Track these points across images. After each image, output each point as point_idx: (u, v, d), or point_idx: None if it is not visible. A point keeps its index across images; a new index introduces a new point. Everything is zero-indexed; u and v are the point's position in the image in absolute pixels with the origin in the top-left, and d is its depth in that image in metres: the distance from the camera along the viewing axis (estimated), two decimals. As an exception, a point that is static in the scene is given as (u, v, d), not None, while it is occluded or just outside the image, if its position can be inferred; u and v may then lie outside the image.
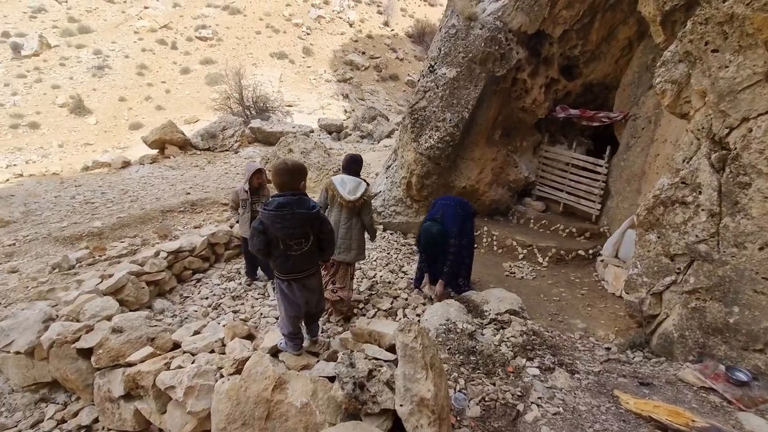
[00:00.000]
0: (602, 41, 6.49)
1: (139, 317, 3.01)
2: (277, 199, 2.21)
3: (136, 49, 23.72)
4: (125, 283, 3.94)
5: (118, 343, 2.72)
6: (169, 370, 2.50)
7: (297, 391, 2.12)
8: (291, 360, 2.32)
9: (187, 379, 2.32)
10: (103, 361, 2.70)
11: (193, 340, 2.76)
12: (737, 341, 2.83)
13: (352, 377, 2.00)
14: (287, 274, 2.30)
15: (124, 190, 10.03)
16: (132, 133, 18.89)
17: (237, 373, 2.31)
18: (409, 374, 1.90)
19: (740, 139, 2.82)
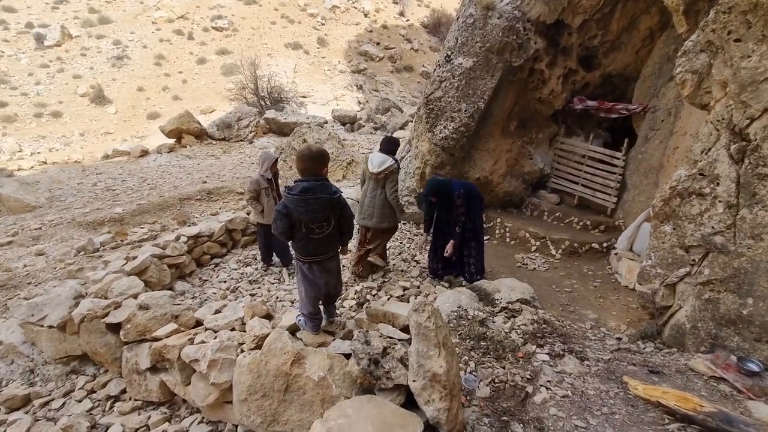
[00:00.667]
0: (623, 31, 6.38)
1: (164, 296, 3.15)
2: (301, 184, 2.27)
3: (154, 39, 24.04)
4: (148, 265, 4.09)
5: (144, 319, 2.86)
6: (192, 344, 2.63)
7: (314, 366, 2.21)
8: (308, 338, 2.42)
9: (211, 353, 2.44)
10: (131, 335, 2.84)
11: (215, 318, 2.88)
12: (750, 333, 2.83)
13: (368, 354, 2.09)
14: (309, 256, 2.38)
15: (143, 178, 10.29)
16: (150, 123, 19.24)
17: (257, 348, 2.42)
18: (423, 351, 1.97)
19: (761, 130, 2.79)
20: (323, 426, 1.82)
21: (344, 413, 1.88)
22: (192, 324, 2.91)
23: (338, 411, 1.91)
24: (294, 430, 2.23)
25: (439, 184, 4.18)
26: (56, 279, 4.21)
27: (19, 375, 3.14)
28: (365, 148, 13.25)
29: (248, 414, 2.32)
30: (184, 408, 2.75)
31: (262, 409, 2.27)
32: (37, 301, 3.26)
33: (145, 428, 2.61)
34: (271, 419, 2.26)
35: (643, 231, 5.30)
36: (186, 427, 2.58)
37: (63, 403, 2.89)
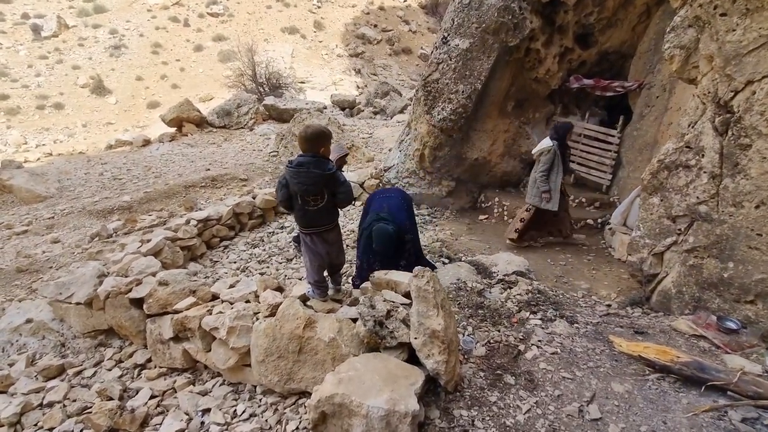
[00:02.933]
0: (619, 7, 6.41)
1: (181, 273, 3.37)
2: (298, 159, 2.54)
3: (150, 27, 23.87)
4: (162, 247, 4.31)
5: (165, 294, 3.08)
6: (211, 315, 2.85)
7: (325, 329, 2.43)
8: (318, 305, 2.63)
9: (229, 321, 2.66)
10: (154, 308, 3.06)
11: (230, 292, 3.09)
12: (730, 294, 3.03)
13: (373, 316, 2.30)
14: (307, 227, 2.67)
15: (148, 167, 10.46)
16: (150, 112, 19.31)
17: (271, 315, 2.63)
18: (423, 311, 2.18)
19: (744, 101, 2.93)
20: (335, 377, 2.04)
21: (353, 367, 2.10)
22: (209, 297, 3.13)
23: (348, 365, 2.13)
24: (308, 386, 2.46)
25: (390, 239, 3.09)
26: (76, 262, 4.43)
27: (51, 349, 3.39)
28: (365, 132, 13.32)
29: (266, 374, 2.55)
30: (206, 373, 2.99)
31: (279, 369, 2.50)
32: (63, 280, 3.49)
33: (171, 390, 2.85)
34: (287, 377, 2.49)
35: (635, 206, 5.47)
36: (209, 389, 2.82)
37: (94, 372, 3.14)
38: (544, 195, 5.05)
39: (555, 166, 5.02)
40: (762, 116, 2.81)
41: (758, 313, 2.87)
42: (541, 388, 2.33)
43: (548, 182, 5.03)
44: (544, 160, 5.02)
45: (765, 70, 2.80)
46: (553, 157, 4.99)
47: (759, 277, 2.84)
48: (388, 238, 3.02)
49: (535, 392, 2.29)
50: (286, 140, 11.13)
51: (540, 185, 5.08)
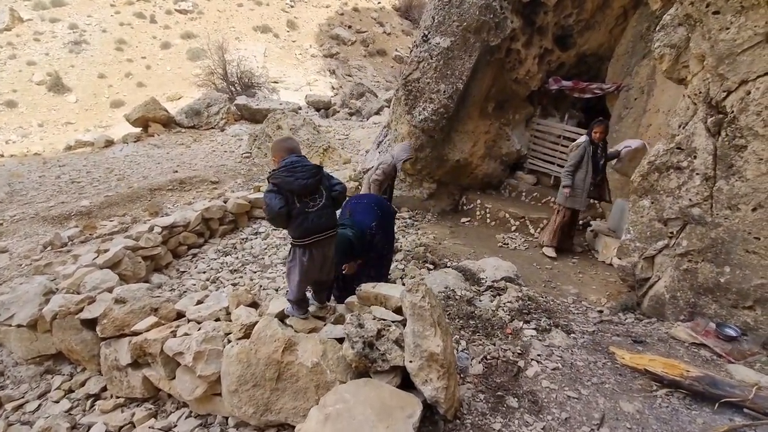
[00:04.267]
0: (597, 9, 6.42)
1: (141, 288, 3.00)
2: (285, 160, 2.25)
3: (114, 23, 22.71)
4: (122, 258, 3.90)
5: (122, 313, 2.72)
6: (175, 337, 2.51)
7: (307, 352, 2.15)
8: (299, 324, 2.35)
9: (196, 345, 2.34)
10: (109, 330, 2.69)
11: (197, 309, 2.76)
12: (727, 299, 2.95)
13: (362, 337, 2.04)
14: (309, 235, 2.25)
15: (110, 169, 9.81)
16: (114, 111, 18.31)
17: (245, 337, 2.33)
18: (419, 331, 1.94)
19: (738, 101, 2.86)
20: (321, 413, 1.78)
21: (341, 398, 1.84)
22: (173, 316, 2.79)
23: (335, 396, 1.86)
24: (288, 417, 2.18)
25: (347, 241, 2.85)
26: (23, 276, 3.96)
27: (-15, 379, 2.95)
28: (341, 134, 13.04)
29: (239, 405, 2.24)
30: (170, 403, 2.65)
31: (254, 399, 2.20)
32: (2, 299, 3.05)
33: (129, 425, 2.49)
34: (264, 408, 2.20)
35: (616, 208, 5.44)
36: (173, 423, 2.48)
37: (39, 405, 2.73)
38: (564, 190, 4.93)
39: (584, 163, 4.87)
40: (758, 116, 2.73)
41: (757, 319, 2.80)
42: (546, 410, 2.14)
43: (570, 178, 4.88)
44: (572, 156, 4.93)
45: (760, 69, 2.73)
46: (582, 153, 4.84)
47: (758, 282, 2.76)
48: (345, 245, 2.76)
49: (540, 416, 2.10)
50: (259, 141, 10.70)
51: (562, 179, 4.99)
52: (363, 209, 3.21)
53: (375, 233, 3.09)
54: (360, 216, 3.13)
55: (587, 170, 4.87)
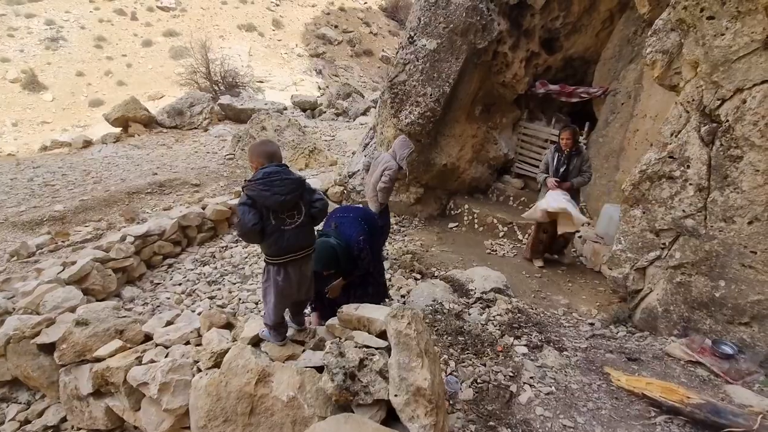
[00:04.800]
0: (584, 13, 6.36)
1: (106, 308, 2.77)
2: (264, 169, 2.02)
3: (93, 19, 22.05)
4: (90, 271, 3.65)
5: (83, 337, 2.49)
6: (141, 364, 2.30)
7: (283, 384, 1.97)
8: (274, 350, 2.16)
9: (161, 375, 2.14)
10: (68, 356, 2.47)
11: (166, 331, 2.55)
12: (722, 315, 2.86)
13: (342, 367, 1.87)
14: (284, 254, 2.06)
15: (87, 171, 9.43)
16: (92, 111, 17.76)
17: (216, 366, 2.14)
18: (404, 363, 1.79)
19: (733, 110, 2.77)
20: (296, 456, 1.61)
21: (319, 438, 1.67)
22: (140, 339, 2.58)
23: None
24: (262, 455, 2.00)
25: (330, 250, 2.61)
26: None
27: (-69, 410, 2.69)
28: (328, 135, 12.83)
29: (209, 441, 2.06)
30: (136, 435, 2.45)
31: (225, 435, 2.02)
32: (-51, 322, 2.79)
33: (89, 462, 2.28)
34: (236, 445, 2.02)
35: (604, 213, 5.37)
36: (138, 458, 2.28)
37: (-12, 439, 2.50)
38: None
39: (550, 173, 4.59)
40: (755, 126, 2.65)
41: (754, 335, 2.71)
42: (541, 442, 2.00)
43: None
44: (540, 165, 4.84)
45: (757, 77, 2.64)
46: (545, 162, 4.63)
47: (755, 298, 2.68)
48: (329, 253, 2.53)
49: (535, 449, 1.96)
50: (243, 142, 10.42)
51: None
52: (350, 223, 2.95)
53: (362, 248, 2.84)
54: (347, 229, 2.87)
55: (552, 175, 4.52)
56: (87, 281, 3.63)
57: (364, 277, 2.95)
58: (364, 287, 2.99)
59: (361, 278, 2.92)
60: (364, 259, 2.79)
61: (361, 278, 2.92)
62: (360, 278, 2.91)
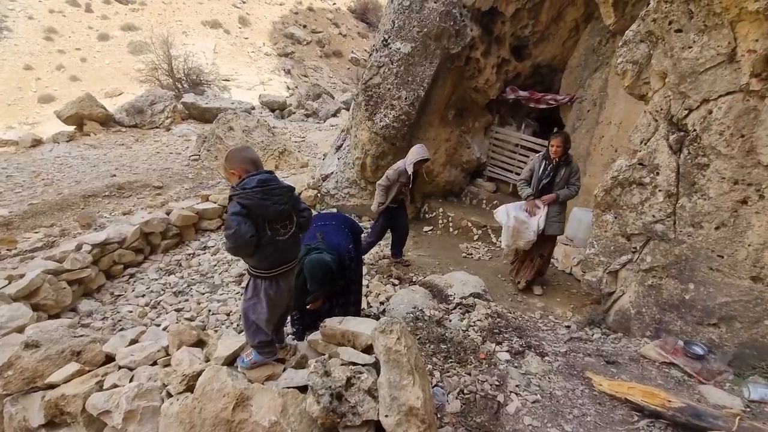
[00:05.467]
0: (551, 22, 6.54)
1: (60, 326, 2.52)
2: (256, 176, 1.86)
3: (42, 9, 20.60)
4: (40, 285, 3.34)
5: (33, 361, 2.24)
6: (102, 390, 2.10)
7: (263, 408, 1.84)
8: (253, 370, 2.03)
9: (126, 402, 1.95)
10: (15, 384, 2.21)
11: (131, 351, 2.34)
12: (692, 316, 2.97)
13: (328, 387, 1.77)
14: (276, 267, 1.94)
15: (36, 173, 8.76)
16: (42, 107, 16.58)
17: (188, 390, 1.98)
18: (395, 381, 1.71)
19: (700, 120, 2.89)
20: (281, 488, 1.49)
21: (305, 466, 1.56)
22: (100, 360, 2.35)
23: (298, 464, 1.58)
24: (241, 485, 1.86)
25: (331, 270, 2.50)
26: None
27: None
28: (298, 136, 12.58)
29: (181, 472, 1.89)
30: (96, 467, 2.22)
31: (199, 465, 1.87)
32: None
33: (40, 503, 2.05)
34: (212, 476, 1.87)
35: (573, 217, 5.52)
36: (99, 494, 2.07)
37: None
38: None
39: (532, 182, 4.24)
40: (721, 136, 2.76)
41: (722, 336, 2.83)
42: (531, 454, 1.98)
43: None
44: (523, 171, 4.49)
45: (722, 89, 2.76)
46: (530, 168, 4.29)
47: (722, 300, 2.79)
48: (325, 271, 2.41)
49: (526, 462, 1.94)
50: (209, 143, 10.02)
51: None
52: (334, 230, 2.85)
53: (353, 257, 2.77)
54: (333, 238, 2.75)
55: (534, 187, 4.14)
56: (37, 296, 3.31)
57: (346, 285, 2.84)
58: (346, 296, 2.90)
59: (343, 286, 2.81)
60: (354, 269, 2.69)
61: (343, 286, 2.81)
62: (343, 286, 2.81)
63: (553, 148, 3.95)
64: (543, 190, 4.09)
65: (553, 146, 3.95)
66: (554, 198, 4.05)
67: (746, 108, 2.69)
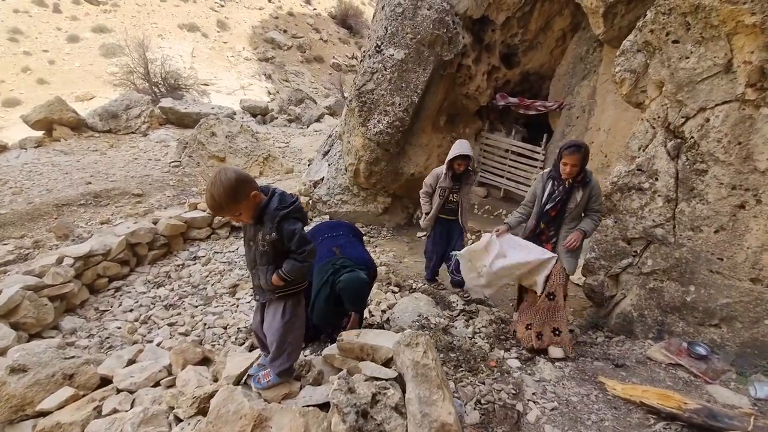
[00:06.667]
0: (540, 31, 6.67)
1: (48, 348, 2.33)
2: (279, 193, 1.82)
3: (6, 9, 19.68)
4: (20, 302, 3.11)
5: (21, 387, 2.06)
6: (101, 416, 1.94)
7: (284, 429, 1.73)
8: (269, 390, 1.92)
9: (131, 429, 1.80)
10: (2, 414, 2.01)
11: (129, 372, 2.19)
12: (694, 318, 3.03)
13: (354, 405, 1.69)
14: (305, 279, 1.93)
15: (3, 180, 8.30)
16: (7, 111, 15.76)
17: (200, 414, 1.85)
18: (425, 396, 1.64)
19: (697, 128, 2.96)
20: None
21: (337, 492, 1.47)
22: (95, 384, 2.19)
23: (328, 490, 1.49)
24: None
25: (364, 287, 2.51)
26: None
27: None
28: (281, 141, 12.40)
29: (194, 501, 1.76)
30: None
31: (215, 494, 1.74)
32: None
33: None
34: (229, 504, 1.75)
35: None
36: None
37: None
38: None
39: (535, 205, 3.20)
40: (719, 143, 2.84)
41: (723, 336, 2.89)
42: (558, 465, 1.94)
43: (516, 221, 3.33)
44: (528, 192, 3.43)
45: (719, 98, 2.84)
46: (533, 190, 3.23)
47: (723, 301, 2.85)
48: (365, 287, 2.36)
49: (554, 473, 1.90)
50: (191, 149, 9.75)
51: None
52: (347, 242, 2.75)
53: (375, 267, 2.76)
54: (352, 251, 2.66)
55: (536, 216, 3.11)
56: (17, 314, 3.08)
57: None
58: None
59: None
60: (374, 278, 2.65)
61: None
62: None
63: (567, 168, 2.83)
64: (548, 220, 3.04)
65: (566, 165, 2.82)
66: (579, 238, 2.96)
67: (742, 116, 2.77)
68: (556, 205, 3.00)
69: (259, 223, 1.76)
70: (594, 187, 2.99)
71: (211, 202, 1.64)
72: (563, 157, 2.87)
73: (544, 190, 3.07)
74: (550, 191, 3.04)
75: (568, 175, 2.88)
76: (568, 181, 2.93)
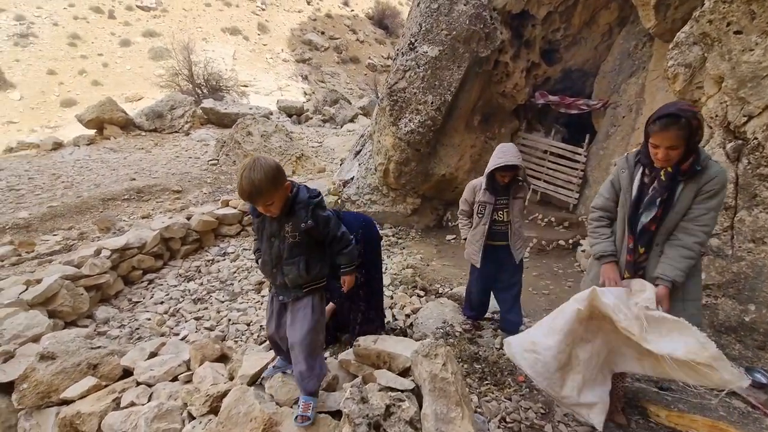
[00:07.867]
0: (584, 25, 6.33)
1: (77, 337, 2.40)
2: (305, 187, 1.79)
3: (67, 16, 21.18)
4: (58, 291, 3.24)
5: (49, 374, 2.12)
6: (119, 408, 1.96)
7: (294, 435, 1.68)
8: (281, 391, 1.86)
9: (145, 424, 1.80)
10: (30, 399, 2.09)
11: (150, 365, 2.21)
12: (753, 340, 2.71)
13: (366, 416, 1.59)
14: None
15: (57, 175, 8.85)
16: (64, 111, 16.94)
17: (212, 412, 1.82)
18: (442, 413, 1.52)
19: (762, 128, 2.65)
20: None
21: None
22: (117, 375, 2.22)
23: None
24: None
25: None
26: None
27: None
28: (315, 141, 12.54)
29: (203, 503, 1.73)
30: (111, 490, 2.08)
31: (223, 497, 1.70)
32: None
33: None
34: None
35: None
36: None
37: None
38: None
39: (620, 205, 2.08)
40: (789, 144, 2.53)
41: (789, 364, 2.57)
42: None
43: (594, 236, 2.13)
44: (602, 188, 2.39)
45: (789, 93, 2.53)
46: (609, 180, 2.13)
47: (790, 324, 2.53)
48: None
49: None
50: (228, 147, 10.03)
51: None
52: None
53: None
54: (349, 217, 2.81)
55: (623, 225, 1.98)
56: (54, 302, 3.22)
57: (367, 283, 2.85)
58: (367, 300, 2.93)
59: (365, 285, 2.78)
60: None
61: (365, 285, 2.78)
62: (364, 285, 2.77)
63: (659, 153, 1.75)
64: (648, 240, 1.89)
65: (657, 148, 1.76)
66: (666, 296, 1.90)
67: (817, 114, 2.45)
68: (656, 214, 1.83)
69: (286, 216, 1.71)
70: (707, 179, 1.75)
71: (249, 188, 1.57)
72: (650, 136, 1.78)
73: (635, 186, 1.90)
74: (641, 186, 1.88)
75: (664, 162, 1.76)
76: (666, 170, 1.78)
